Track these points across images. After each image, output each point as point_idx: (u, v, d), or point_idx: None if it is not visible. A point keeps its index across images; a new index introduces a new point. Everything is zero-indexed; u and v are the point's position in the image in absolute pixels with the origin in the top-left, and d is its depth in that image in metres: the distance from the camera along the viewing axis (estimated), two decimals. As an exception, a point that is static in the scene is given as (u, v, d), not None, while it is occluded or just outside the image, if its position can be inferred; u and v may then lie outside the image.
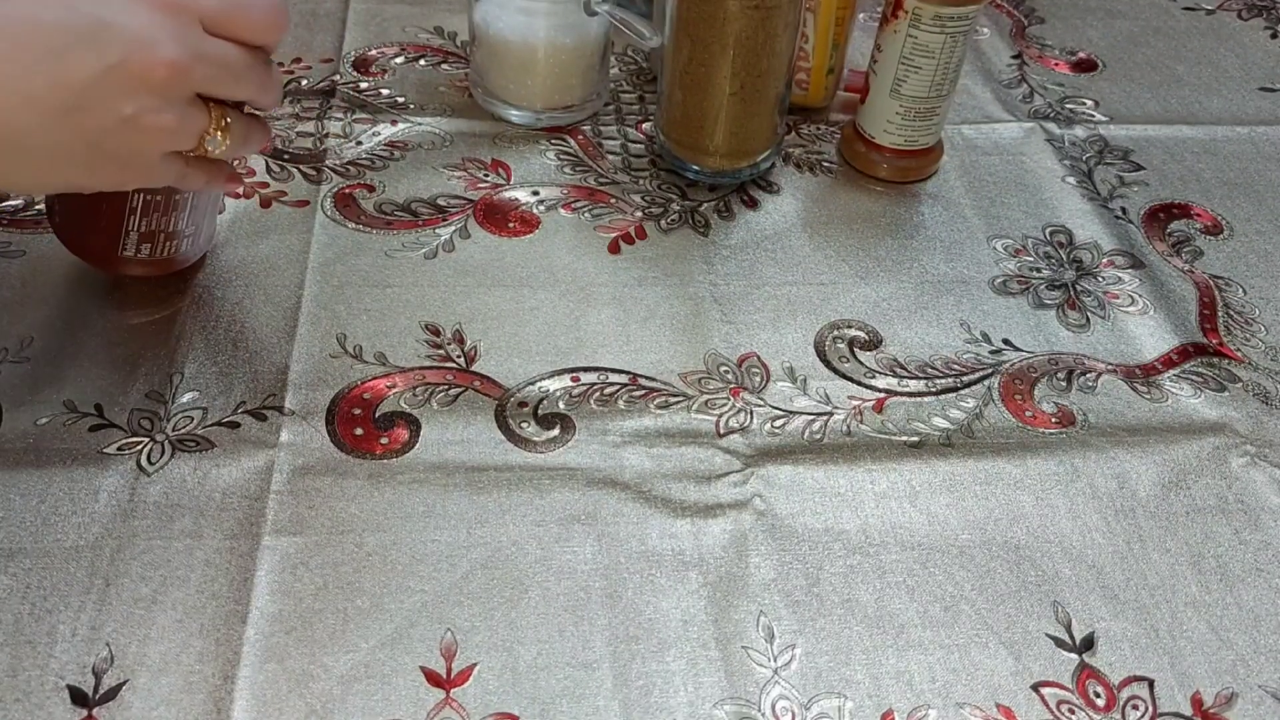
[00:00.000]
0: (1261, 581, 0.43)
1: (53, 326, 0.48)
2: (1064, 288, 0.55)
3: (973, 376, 0.50)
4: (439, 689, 0.37)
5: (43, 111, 0.34)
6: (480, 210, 0.57)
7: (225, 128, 0.39)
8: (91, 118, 0.35)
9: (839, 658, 0.39)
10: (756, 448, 0.46)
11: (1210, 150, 0.65)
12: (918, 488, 0.45)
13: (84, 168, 0.37)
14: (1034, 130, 0.66)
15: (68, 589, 0.39)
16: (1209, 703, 0.39)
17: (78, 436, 0.44)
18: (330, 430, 0.45)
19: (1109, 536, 0.44)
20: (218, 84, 0.38)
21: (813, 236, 0.57)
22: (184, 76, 0.36)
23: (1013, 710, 0.38)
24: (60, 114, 0.35)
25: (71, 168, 0.37)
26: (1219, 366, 0.51)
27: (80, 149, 0.36)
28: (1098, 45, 0.74)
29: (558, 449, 0.45)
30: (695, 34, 0.53)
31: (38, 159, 0.36)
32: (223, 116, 0.39)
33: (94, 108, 0.35)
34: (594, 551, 0.42)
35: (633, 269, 0.54)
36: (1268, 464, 0.47)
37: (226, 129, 0.39)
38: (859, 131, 0.61)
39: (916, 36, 0.55)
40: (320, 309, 0.50)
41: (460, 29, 0.70)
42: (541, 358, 0.49)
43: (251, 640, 0.38)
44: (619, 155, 0.61)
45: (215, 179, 0.43)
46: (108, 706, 0.36)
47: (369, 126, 0.62)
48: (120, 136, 0.36)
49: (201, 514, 0.42)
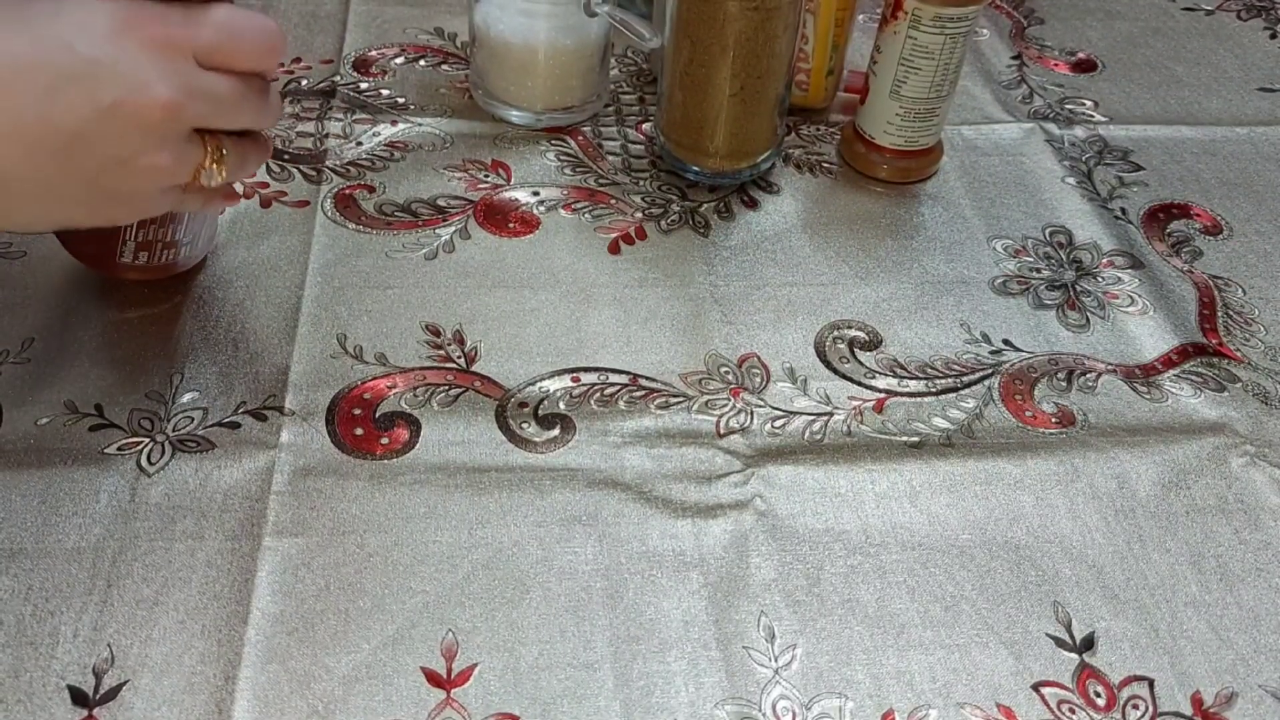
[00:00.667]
0: (1261, 581, 0.43)
1: (53, 327, 0.48)
2: (1064, 288, 0.55)
3: (973, 377, 0.50)
4: (440, 689, 0.37)
5: (35, 153, 0.34)
6: (480, 211, 0.57)
7: (220, 159, 0.39)
8: (85, 159, 0.35)
9: (840, 658, 0.39)
10: (757, 448, 0.46)
11: (1210, 150, 0.65)
12: (918, 488, 0.45)
13: (80, 206, 0.37)
14: (1034, 131, 0.66)
15: (69, 590, 0.39)
16: (1209, 702, 0.39)
17: (78, 437, 0.44)
18: (331, 431, 0.45)
19: (1109, 536, 0.44)
20: (213, 118, 0.37)
21: (813, 237, 0.57)
22: (178, 115, 0.36)
23: (1013, 710, 0.38)
24: (53, 155, 0.34)
25: (67, 206, 0.37)
26: (1219, 366, 0.52)
27: (75, 189, 0.36)
28: (1097, 46, 0.75)
29: (558, 449, 0.45)
30: (695, 35, 0.54)
31: (32, 199, 0.36)
32: (219, 148, 0.39)
33: (87, 150, 0.35)
34: (595, 552, 0.42)
35: (633, 270, 0.54)
36: (1268, 464, 0.47)
37: (221, 160, 0.39)
38: (859, 132, 0.61)
39: (916, 38, 0.55)
40: (320, 309, 0.50)
41: (460, 30, 0.70)
42: (542, 358, 0.49)
43: (253, 641, 0.38)
44: (619, 156, 0.61)
45: (212, 201, 0.43)
46: (108, 707, 0.36)
47: (369, 127, 0.62)
48: (115, 177, 0.36)
49: (203, 515, 0.42)
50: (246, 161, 0.41)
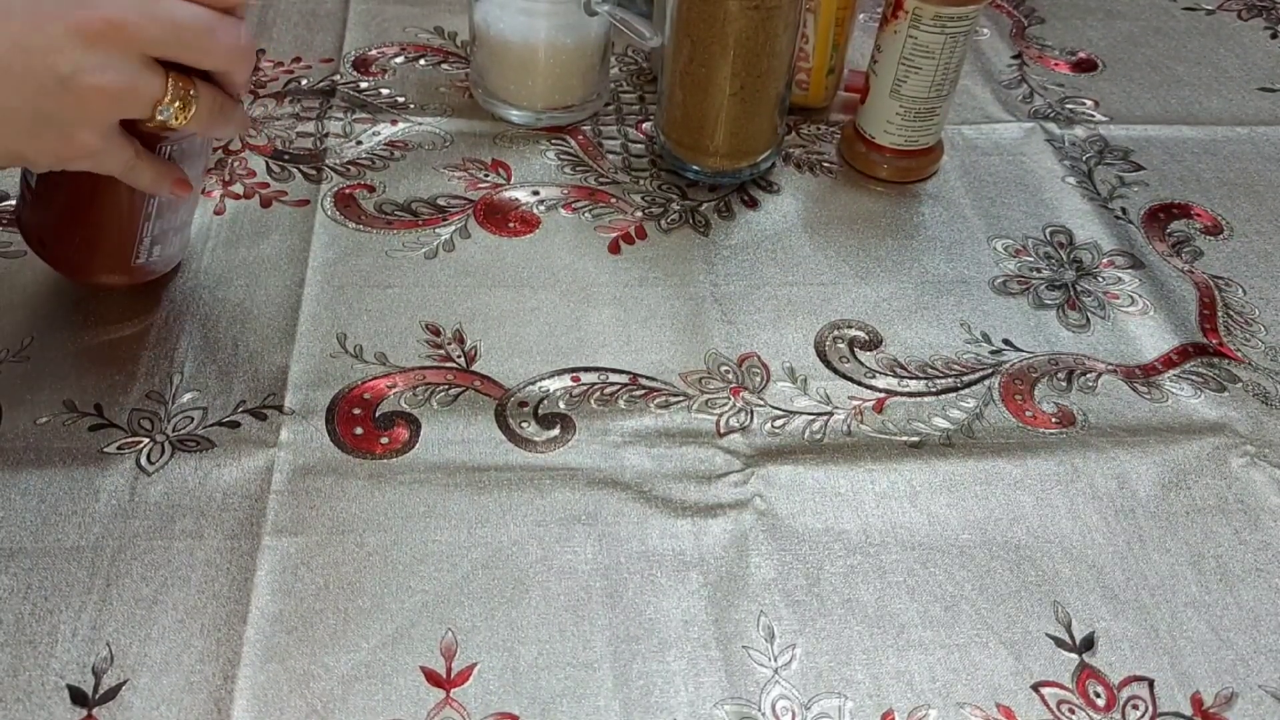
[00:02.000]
0: (1261, 581, 0.43)
1: (53, 326, 0.48)
2: (1064, 288, 0.55)
3: (973, 377, 0.50)
4: (439, 689, 0.37)
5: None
6: (480, 210, 0.57)
7: (186, 100, 0.36)
8: (27, 77, 0.33)
9: (839, 657, 0.39)
10: (757, 448, 0.46)
11: (1210, 150, 0.65)
12: (918, 488, 0.45)
13: (24, 135, 0.35)
14: (1034, 130, 0.66)
15: (69, 589, 0.39)
16: (1209, 702, 0.39)
17: (78, 436, 0.44)
18: (330, 430, 0.45)
19: (1109, 536, 0.44)
20: (173, 47, 0.35)
21: (813, 237, 0.57)
22: (126, 34, 0.33)
23: (1013, 710, 0.38)
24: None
25: (9, 133, 0.35)
26: (1219, 367, 0.51)
27: (18, 113, 0.34)
28: (1098, 45, 0.75)
29: (558, 449, 0.45)
30: (695, 34, 0.54)
31: None
32: (186, 88, 0.36)
33: (29, 65, 0.33)
34: (595, 551, 0.42)
35: (633, 269, 0.54)
36: (1268, 464, 0.47)
37: (188, 102, 0.36)
38: (859, 132, 0.61)
39: (916, 37, 0.55)
40: (320, 308, 0.50)
41: (460, 29, 0.70)
42: (542, 357, 0.49)
43: (252, 640, 0.38)
44: (619, 155, 0.61)
45: (162, 179, 0.40)
46: (107, 706, 0.36)
47: (369, 126, 0.62)
48: (59, 98, 0.34)
49: (202, 514, 0.42)
50: (219, 118, 0.38)
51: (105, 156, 0.37)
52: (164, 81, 0.36)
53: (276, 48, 0.67)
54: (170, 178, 0.41)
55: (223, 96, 0.39)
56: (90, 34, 0.33)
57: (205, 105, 0.37)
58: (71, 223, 0.44)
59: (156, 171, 0.40)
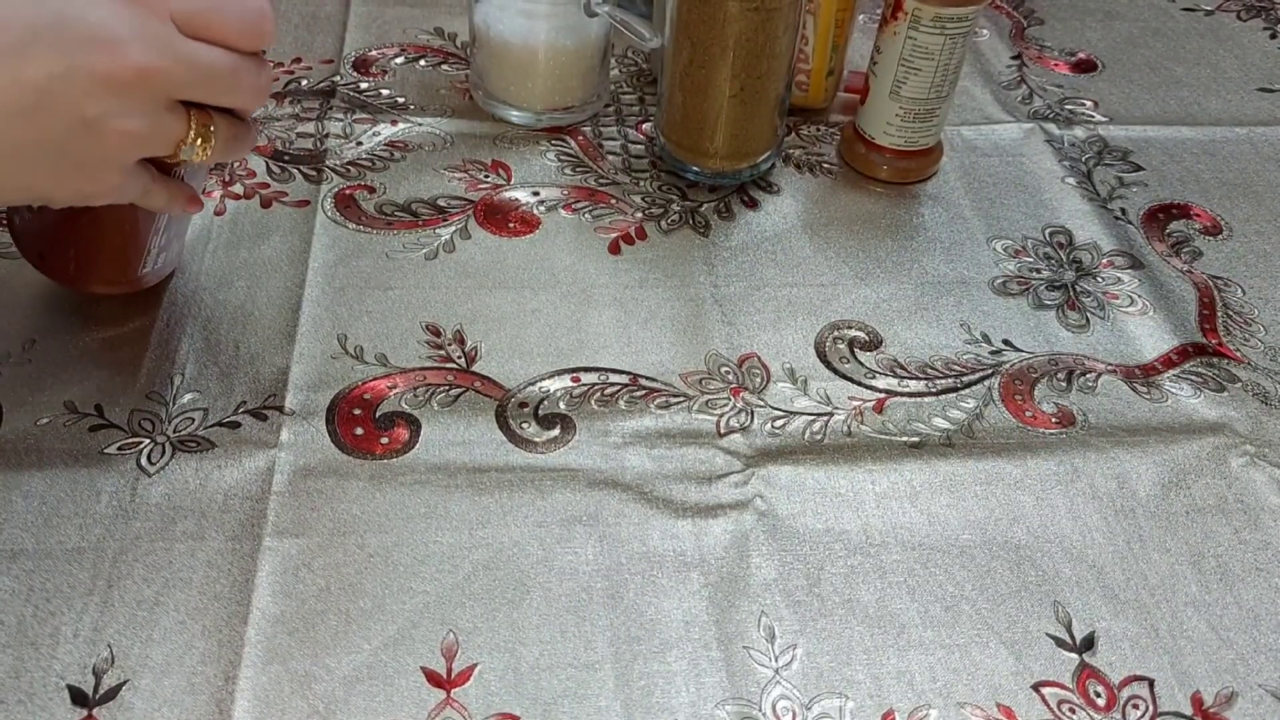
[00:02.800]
0: (1261, 581, 0.43)
1: (54, 328, 0.48)
2: (1064, 288, 0.55)
3: (973, 377, 0.50)
4: (440, 690, 0.37)
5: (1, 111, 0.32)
6: (480, 211, 0.57)
7: (207, 135, 0.37)
8: (53, 119, 0.33)
9: (840, 658, 0.39)
10: (757, 448, 0.46)
11: (1209, 151, 0.65)
12: (918, 488, 0.45)
13: (47, 174, 0.35)
14: (1033, 131, 0.66)
15: (70, 590, 0.39)
16: (1209, 702, 0.39)
17: (78, 437, 0.44)
18: (331, 431, 0.45)
19: (1109, 536, 0.44)
20: (199, 90, 0.36)
21: (813, 238, 0.57)
22: (155, 81, 0.34)
23: (1013, 710, 0.38)
24: (20, 114, 0.33)
25: (33, 173, 0.35)
26: (1218, 366, 0.52)
27: (42, 153, 0.34)
28: (1097, 46, 0.75)
29: (559, 449, 0.45)
30: (695, 36, 0.54)
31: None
32: (206, 124, 0.37)
33: (55, 109, 0.33)
34: (595, 552, 0.42)
35: (633, 270, 0.54)
36: (1267, 464, 0.47)
37: (208, 137, 0.37)
38: (859, 133, 0.61)
39: (916, 38, 0.55)
40: (321, 309, 0.50)
41: (460, 30, 0.70)
42: (542, 358, 0.49)
43: (253, 641, 0.38)
44: (619, 156, 0.61)
45: (176, 199, 0.41)
46: (108, 707, 0.36)
47: (369, 127, 0.62)
48: (83, 141, 0.34)
49: (203, 515, 0.42)
50: (235, 143, 0.39)
51: (125, 189, 0.38)
52: (187, 122, 0.36)
53: (277, 49, 0.67)
54: (183, 196, 0.42)
55: (239, 125, 0.39)
56: (120, 84, 0.33)
57: (223, 136, 0.38)
58: (78, 239, 0.44)
59: (170, 193, 0.40)
